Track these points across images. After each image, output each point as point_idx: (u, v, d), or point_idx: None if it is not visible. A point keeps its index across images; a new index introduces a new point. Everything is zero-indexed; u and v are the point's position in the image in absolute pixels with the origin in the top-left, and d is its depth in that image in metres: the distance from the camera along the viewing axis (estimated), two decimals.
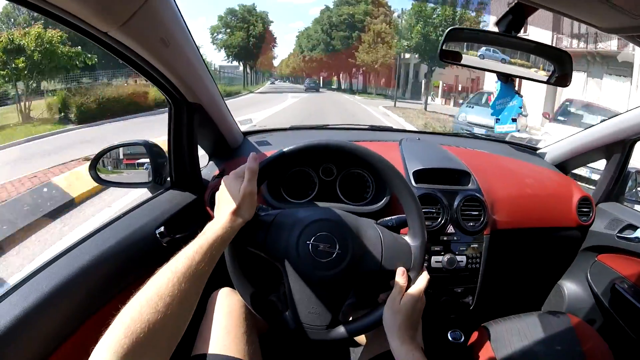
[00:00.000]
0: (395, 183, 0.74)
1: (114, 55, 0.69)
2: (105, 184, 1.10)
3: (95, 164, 1.04)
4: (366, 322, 0.72)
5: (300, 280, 0.70)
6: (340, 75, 41.63)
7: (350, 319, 0.75)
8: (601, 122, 1.27)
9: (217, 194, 0.70)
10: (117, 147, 1.11)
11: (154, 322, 0.46)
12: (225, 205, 0.66)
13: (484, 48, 0.82)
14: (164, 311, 0.48)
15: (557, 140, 1.44)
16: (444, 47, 0.80)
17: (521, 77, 0.84)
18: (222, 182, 0.70)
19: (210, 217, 0.73)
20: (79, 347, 0.66)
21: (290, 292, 0.71)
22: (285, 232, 0.71)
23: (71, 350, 0.65)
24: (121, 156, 1.14)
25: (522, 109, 0.84)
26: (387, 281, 0.75)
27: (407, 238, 0.75)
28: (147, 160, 1.08)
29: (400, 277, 0.70)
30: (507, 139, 1.54)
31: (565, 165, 1.42)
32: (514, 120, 0.86)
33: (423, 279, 0.71)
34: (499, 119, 0.86)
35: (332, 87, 43.35)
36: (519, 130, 1.25)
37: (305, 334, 0.70)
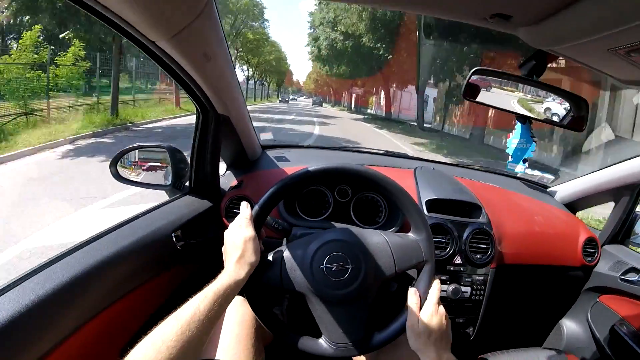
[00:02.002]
0: (387, 188, 0.77)
1: (156, 63, 0.74)
2: (124, 182, 1.13)
3: (116, 161, 1.07)
4: (394, 329, 0.73)
5: (325, 304, 0.71)
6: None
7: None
8: (613, 164, 1.30)
9: (223, 248, 0.73)
10: (140, 147, 1.14)
11: None
12: (230, 256, 0.69)
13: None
14: (167, 355, 0.52)
15: (567, 180, 1.46)
16: (466, 86, 0.83)
17: (538, 120, 0.87)
18: (224, 235, 0.73)
19: (225, 227, 0.76)
20: (90, 339, 0.68)
21: (319, 318, 0.72)
22: (298, 263, 0.72)
23: (81, 342, 0.66)
24: (137, 158, 1.17)
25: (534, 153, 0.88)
26: (406, 282, 0.76)
27: (411, 234, 0.78)
28: (158, 164, 1.12)
29: (412, 296, 0.72)
30: (519, 175, 1.56)
31: (574, 205, 1.43)
32: (525, 161, 0.89)
33: (433, 291, 0.73)
34: (512, 158, 0.90)
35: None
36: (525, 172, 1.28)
37: (345, 355, 0.71)
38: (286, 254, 0.74)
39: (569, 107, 0.88)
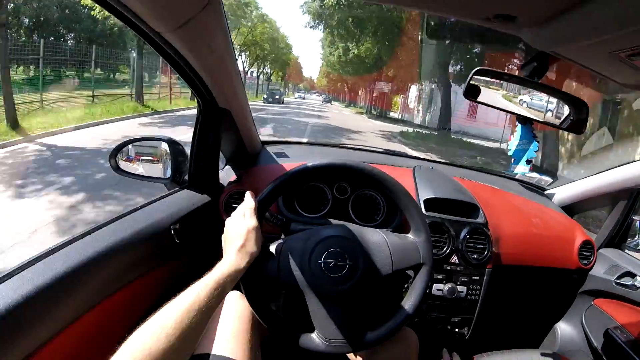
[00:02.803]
0: (389, 187, 0.78)
1: (160, 54, 0.73)
2: (123, 174, 1.12)
3: (115, 153, 1.07)
4: (388, 328, 0.74)
5: (321, 299, 0.71)
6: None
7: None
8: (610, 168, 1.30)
9: (223, 236, 0.73)
10: (140, 140, 1.14)
11: (156, 353, 0.50)
12: (231, 244, 0.69)
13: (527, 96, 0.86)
14: (165, 342, 0.51)
15: (566, 183, 1.47)
16: (469, 85, 0.83)
17: (538, 122, 0.87)
18: (226, 224, 0.73)
19: (223, 221, 0.75)
20: (88, 329, 0.68)
21: (313, 313, 0.72)
22: (296, 257, 0.73)
23: (79, 332, 0.66)
24: (137, 151, 1.17)
25: (538, 152, 0.88)
26: (402, 281, 0.76)
27: (410, 235, 0.78)
28: (157, 157, 1.12)
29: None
30: (517, 176, 1.57)
31: (571, 208, 1.44)
32: (529, 162, 0.89)
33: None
34: (514, 159, 0.90)
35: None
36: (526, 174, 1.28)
37: (337, 351, 0.71)
38: (285, 246, 0.75)
39: (569, 110, 0.88)
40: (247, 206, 0.73)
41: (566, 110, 0.88)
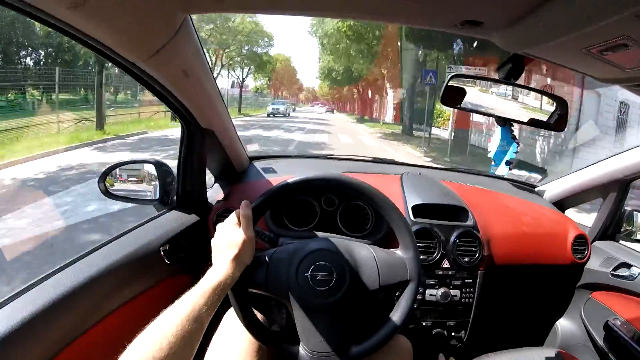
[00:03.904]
0: (381, 205, 0.79)
1: (137, 81, 0.74)
2: (113, 198, 1.12)
3: (104, 177, 1.07)
4: (374, 342, 0.74)
5: (305, 311, 0.72)
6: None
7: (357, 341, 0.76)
8: (599, 161, 1.31)
9: (214, 241, 0.72)
10: (128, 163, 1.14)
11: (159, 358, 0.50)
12: (225, 253, 0.68)
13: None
14: (168, 349, 0.51)
15: (555, 178, 1.48)
16: (445, 91, 0.84)
17: (521, 123, 0.88)
18: (218, 229, 0.73)
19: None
20: (79, 354, 0.68)
21: (298, 325, 0.73)
22: (284, 268, 0.73)
23: (71, 357, 0.67)
24: (125, 174, 1.17)
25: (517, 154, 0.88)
26: (389, 297, 0.76)
27: (398, 251, 0.78)
28: (145, 179, 1.11)
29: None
30: (506, 175, 1.57)
31: (562, 203, 1.44)
32: (509, 163, 0.89)
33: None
34: (494, 161, 0.90)
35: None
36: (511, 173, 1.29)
37: None
38: (274, 256, 0.75)
39: (555, 108, 0.89)
40: (243, 214, 0.72)
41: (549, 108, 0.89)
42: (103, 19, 0.53)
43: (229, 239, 0.69)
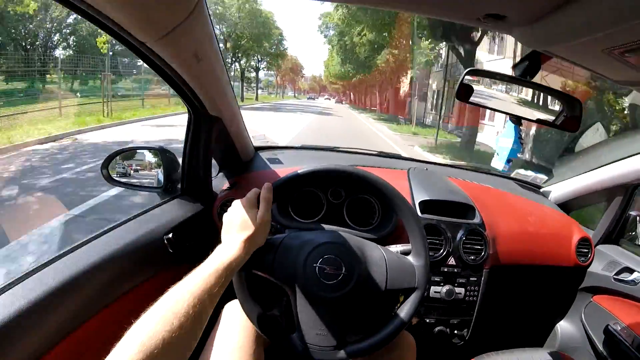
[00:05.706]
0: (401, 207, 0.78)
1: (146, 63, 0.72)
2: (116, 184, 1.11)
3: (107, 163, 1.06)
4: (372, 342, 0.73)
5: (307, 302, 0.71)
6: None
7: (354, 339, 0.75)
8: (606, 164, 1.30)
9: (228, 217, 0.70)
10: (132, 149, 1.13)
11: (168, 339, 0.47)
12: (239, 232, 0.67)
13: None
14: (178, 329, 0.49)
15: (561, 180, 1.47)
16: (461, 85, 0.83)
17: (532, 121, 0.87)
18: (234, 206, 0.71)
19: (217, 230, 0.74)
20: (80, 343, 0.68)
21: (298, 314, 0.72)
22: (293, 255, 0.72)
23: (72, 347, 0.66)
24: (129, 160, 1.16)
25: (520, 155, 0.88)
26: (392, 301, 0.76)
27: (410, 258, 0.77)
28: (150, 166, 1.11)
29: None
30: (512, 175, 1.56)
31: (567, 205, 1.44)
32: (509, 161, 0.89)
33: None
34: (498, 154, 0.90)
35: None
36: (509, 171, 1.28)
37: (312, 356, 0.71)
38: (284, 242, 0.74)
39: (561, 108, 0.88)
40: (264, 196, 0.71)
41: (559, 108, 0.88)
42: None
43: (244, 219, 0.67)
